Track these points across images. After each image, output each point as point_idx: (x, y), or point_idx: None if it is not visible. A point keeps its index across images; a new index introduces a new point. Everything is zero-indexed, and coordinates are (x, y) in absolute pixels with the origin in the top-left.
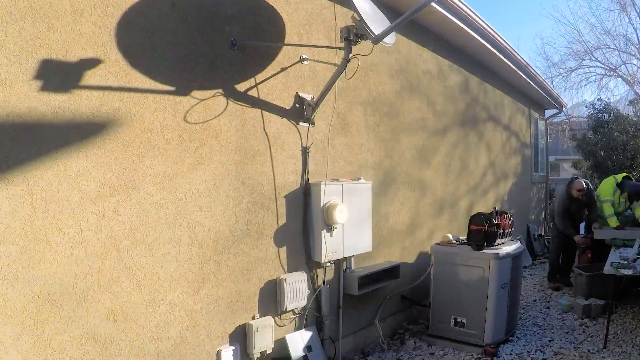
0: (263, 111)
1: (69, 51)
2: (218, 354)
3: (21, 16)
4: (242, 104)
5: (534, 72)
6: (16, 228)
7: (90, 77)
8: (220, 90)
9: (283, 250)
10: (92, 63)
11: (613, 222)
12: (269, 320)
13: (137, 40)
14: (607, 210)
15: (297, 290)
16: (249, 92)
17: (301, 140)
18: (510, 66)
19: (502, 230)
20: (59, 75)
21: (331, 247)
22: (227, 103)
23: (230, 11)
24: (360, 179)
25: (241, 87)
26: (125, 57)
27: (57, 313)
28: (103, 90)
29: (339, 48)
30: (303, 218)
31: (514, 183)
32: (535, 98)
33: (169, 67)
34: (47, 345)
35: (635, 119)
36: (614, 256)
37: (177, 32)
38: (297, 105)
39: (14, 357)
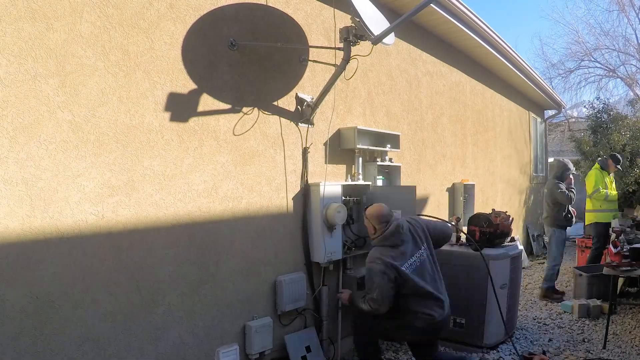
0: (262, 112)
1: (68, 51)
2: (217, 355)
3: (20, 16)
4: (241, 104)
5: (533, 73)
6: (15, 228)
7: (89, 77)
8: (219, 91)
9: (282, 251)
10: (91, 63)
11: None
12: (268, 320)
13: (135, 41)
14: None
15: (296, 291)
16: (248, 93)
17: (301, 140)
18: (509, 67)
19: (500, 231)
20: (57, 75)
21: (330, 247)
22: (226, 103)
23: (229, 12)
24: (360, 179)
25: (240, 87)
26: (125, 58)
27: (55, 314)
28: (102, 89)
29: (338, 49)
30: (302, 218)
31: (513, 184)
32: (535, 99)
33: (167, 67)
34: (46, 346)
35: (634, 119)
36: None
37: (175, 33)
38: (297, 106)
39: (12, 357)
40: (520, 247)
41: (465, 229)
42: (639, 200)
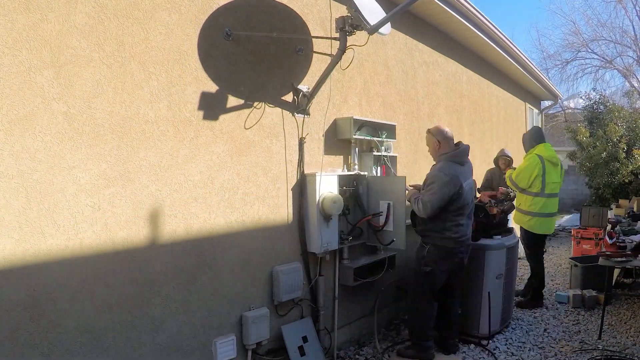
0: (258, 102)
1: (62, 43)
2: (214, 345)
3: (14, 7)
4: (236, 94)
5: (529, 64)
6: (11, 221)
7: (84, 69)
8: (215, 81)
9: (279, 241)
10: (86, 54)
11: None
12: (264, 311)
13: (130, 31)
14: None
15: (292, 281)
16: (244, 83)
17: (297, 131)
18: (505, 58)
19: (497, 221)
20: (51, 66)
21: (326, 237)
22: (222, 93)
23: (224, 1)
24: (356, 169)
25: (236, 77)
26: (120, 49)
27: (53, 306)
28: (97, 81)
29: (334, 39)
30: (299, 209)
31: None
32: (531, 89)
33: (162, 58)
34: (43, 338)
35: (630, 110)
36: None
37: (170, 23)
38: (293, 96)
39: (10, 351)
40: (517, 237)
41: None
42: (634, 192)
